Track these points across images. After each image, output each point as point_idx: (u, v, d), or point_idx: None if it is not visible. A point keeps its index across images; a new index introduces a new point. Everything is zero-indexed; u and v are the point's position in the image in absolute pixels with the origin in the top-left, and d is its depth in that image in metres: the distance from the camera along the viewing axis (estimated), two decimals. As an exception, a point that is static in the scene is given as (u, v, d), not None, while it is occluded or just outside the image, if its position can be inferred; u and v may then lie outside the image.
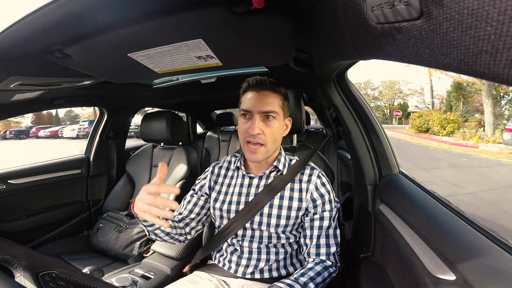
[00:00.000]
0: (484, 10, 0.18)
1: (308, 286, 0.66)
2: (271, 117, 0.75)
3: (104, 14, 0.48)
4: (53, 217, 1.49)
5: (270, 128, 0.75)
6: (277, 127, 0.77)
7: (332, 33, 0.49)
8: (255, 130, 0.73)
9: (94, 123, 1.76)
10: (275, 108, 0.75)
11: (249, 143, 0.75)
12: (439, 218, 0.55)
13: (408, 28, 0.26)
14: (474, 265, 0.41)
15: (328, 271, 0.72)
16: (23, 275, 0.39)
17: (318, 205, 0.78)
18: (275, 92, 0.76)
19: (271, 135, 0.75)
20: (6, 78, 0.77)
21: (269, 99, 0.75)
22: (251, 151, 0.75)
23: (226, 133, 2.54)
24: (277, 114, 0.76)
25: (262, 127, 0.74)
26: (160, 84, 1.58)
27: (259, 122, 0.74)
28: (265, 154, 0.76)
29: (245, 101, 0.76)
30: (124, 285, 0.90)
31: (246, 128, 0.75)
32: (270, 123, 0.75)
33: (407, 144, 10.23)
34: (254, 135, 0.73)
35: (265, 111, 0.74)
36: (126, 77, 0.88)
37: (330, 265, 0.73)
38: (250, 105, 0.75)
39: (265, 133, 0.74)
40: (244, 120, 0.76)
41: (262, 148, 0.75)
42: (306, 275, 0.69)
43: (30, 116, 30.01)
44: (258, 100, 0.74)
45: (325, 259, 0.74)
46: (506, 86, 2.45)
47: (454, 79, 11.55)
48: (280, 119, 0.77)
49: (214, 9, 0.46)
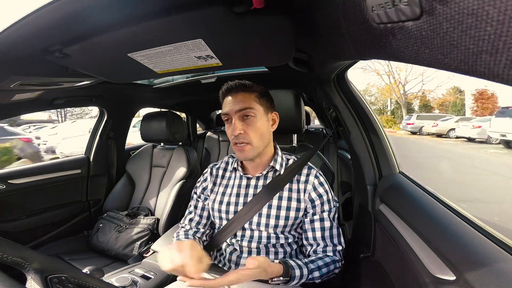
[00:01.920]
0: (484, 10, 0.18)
1: (313, 274, 0.69)
2: (250, 115, 0.76)
3: (104, 14, 0.47)
4: (53, 217, 1.49)
5: (251, 126, 0.76)
6: (259, 124, 0.77)
7: (332, 33, 0.49)
8: (235, 130, 0.75)
9: (94, 123, 1.76)
10: (251, 104, 0.76)
11: (236, 144, 0.77)
12: (439, 218, 0.55)
13: (408, 28, 0.26)
14: (474, 265, 0.41)
15: (334, 265, 0.74)
16: (33, 277, 0.40)
17: (317, 206, 0.78)
18: (247, 91, 0.78)
19: (254, 132, 0.76)
20: (6, 78, 0.77)
21: (243, 98, 0.77)
22: (239, 150, 0.77)
23: (226, 133, 2.54)
24: (254, 111, 0.76)
25: (243, 126, 0.76)
26: (160, 84, 1.58)
27: (238, 123, 0.75)
28: (253, 151, 0.77)
29: (224, 107, 0.79)
30: (124, 285, 0.90)
31: (230, 132, 0.77)
32: (250, 121, 0.76)
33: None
34: (236, 135, 0.75)
35: (240, 109, 0.75)
36: (126, 77, 0.88)
37: (337, 260, 0.76)
38: (227, 109, 0.77)
39: (247, 132, 0.76)
40: (227, 125, 0.79)
41: (249, 146, 0.76)
42: (315, 263, 0.72)
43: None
44: (233, 102, 0.77)
45: (332, 255, 0.76)
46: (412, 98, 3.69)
47: (397, 100, 20.77)
48: (260, 115, 0.78)
49: (214, 9, 0.46)
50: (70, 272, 0.45)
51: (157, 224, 1.40)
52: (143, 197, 1.56)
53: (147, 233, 1.35)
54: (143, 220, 1.40)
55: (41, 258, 0.43)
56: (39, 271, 0.41)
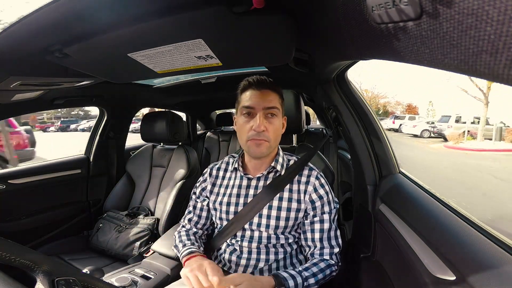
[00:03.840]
0: (484, 10, 0.18)
1: (308, 281, 0.69)
2: (273, 114, 0.76)
3: (104, 14, 0.47)
4: (53, 217, 1.49)
5: (273, 125, 0.76)
6: (278, 125, 0.78)
7: (332, 33, 0.49)
8: (260, 127, 0.73)
9: (94, 123, 1.76)
10: (277, 104, 0.76)
11: (254, 139, 0.74)
12: (439, 218, 0.55)
13: (408, 28, 0.26)
14: (474, 265, 0.41)
15: (330, 269, 0.74)
16: (41, 280, 0.41)
17: (317, 207, 0.78)
18: (274, 91, 0.78)
19: (273, 132, 0.76)
20: (6, 78, 0.77)
21: (270, 97, 0.76)
22: (256, 144, 0.74)
23: (226, 133, 2.54)
24: (278, 111, 0.77)
25: (266, 124, 0.74)
26: (160, 84, 1.58)
27: (263, 119, 0.74)
28: (268, 149, 0.77)
29: (246, 99, 0.76)
30: (124, 285, 0.90)
31: (249, 127, 0.74)
32: (273, 120, 0.76)
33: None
34: (259, 132, 0.73)
35: (269, 106, 0.75)
36: (126, 77, 0.88)
37: (333, 264, 0.75)
38: (252, 102, 0.75)
39: (269, 130, 0.75)
40: (245, 119, 0.76)
41: (267, 144, 0.75)
42: (310, 270, 0.71)
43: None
44: (260, 98, 0.75)
45: (329, 258, 0.76)
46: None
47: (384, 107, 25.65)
48: (280, 116, 0.78)
49: (214, 9, 0.46)
50: (79, 276, 0.45)
51: (157, 224, 1.40)
52: (143, 197, 1.56)
53: (147, 233, 1.35)
54: (143, 220, 1.40)
55: (50, 261, 0.44)
56: (48, 273, 0.41)
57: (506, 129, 10.10)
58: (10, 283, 0.39)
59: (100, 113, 1.74)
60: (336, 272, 0.76)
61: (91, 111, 26.43)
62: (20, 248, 0.42)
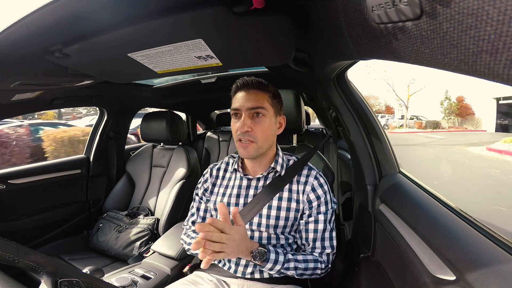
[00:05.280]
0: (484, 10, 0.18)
1: (289, 264, 0.71)
2: (260, 114, 0.76)
3: (104, 14, 0.47)
4: (53, 217, 1.49)
5: (260, 125, 0.76)
6: (267, 124, 0.77)
7: (332, 33, 0.49)
8: (244, 127, 0.74)
9: (94, 123, 1.76)
10: (263, 104, 0.76)
11: (241, 141, 0.76)
12: (439, 218, 0.55)
13: (408, 28, 0.26)
14: (474, 265, 0.41)
15: (315, 265, 0.74)
16: (45, 281, 0.42)
17: (313, 207, 0.78)
18: (262, 90, 0.78)
19: (260, 132, 0.76)
20: (6, 78, 0.77)
21: (257, 97, 0.76)
22: (242, 147, 0.76)
23: (226, 133, 2.54)
24: (266, 111, 0.76)
25: (251, 124, 0.75)
26: (160, 84, 1.58)
27: (248, 120, 0.75)
28: (256, 150, 0.76)
29: (235, 101, 0.78)
30: (124, 285, 0.90)
31: (237, 127, 0.76)
32: (259, 120, 0.76)
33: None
34: (243, 132, 0.75)
35: (252, 107, 0.75)
36: (126, 77, 0.88)
37: (321, 261, 0.76)
38: (238, 104, 0.77)
39: (254, 130, 0.75)
40: (235, 120, 0.79)
41: (253, 145, 0.76)
42: (295, 255, 0.73)
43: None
44: (246, 98, 0.76)
45: (318, 256, 0.77)
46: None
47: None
48: (270, 116, 0.78)
49: (214, 9, 0.46)
50: (82, 277, 0.46)
51: (157, 224, 1.40)
52: (143, 197, 1.56)
53: (147, 233, 1.35)
54: (143, 220, 1.40)
55: (54, 263, 0.44)
56: (52, 274, 0.42)
57: (415, 121, 20.11)
58: (10, 283, 0.39)
59: (100, 113, 1.74)
60: (324, 273, 0.76)
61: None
62: (24, 250, 0.42)
